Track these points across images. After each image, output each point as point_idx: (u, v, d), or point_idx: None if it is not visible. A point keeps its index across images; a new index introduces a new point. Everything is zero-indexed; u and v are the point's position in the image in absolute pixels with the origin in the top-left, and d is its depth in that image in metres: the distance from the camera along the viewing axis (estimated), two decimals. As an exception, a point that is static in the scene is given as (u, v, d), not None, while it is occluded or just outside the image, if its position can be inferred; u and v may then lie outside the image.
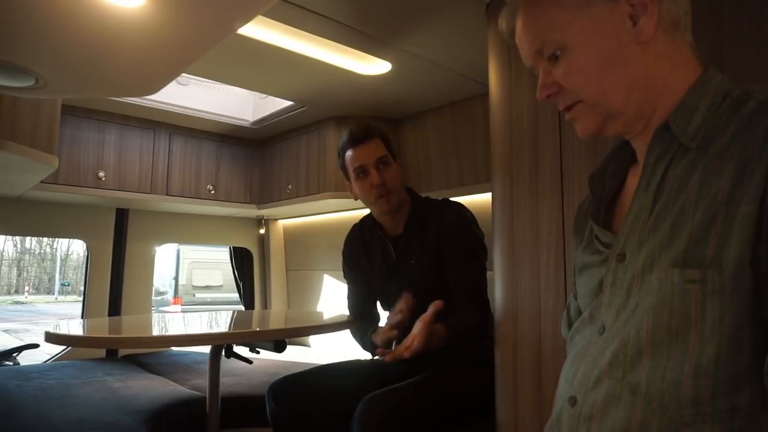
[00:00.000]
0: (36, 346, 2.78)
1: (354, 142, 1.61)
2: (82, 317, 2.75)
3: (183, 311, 9.83)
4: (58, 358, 2.69)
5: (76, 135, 2.40)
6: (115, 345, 2.35)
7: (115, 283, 2.85)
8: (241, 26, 1.04)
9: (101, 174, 2.44)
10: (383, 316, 1.74)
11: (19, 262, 29.04)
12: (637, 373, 0.57)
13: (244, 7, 0.93)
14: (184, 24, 0.96)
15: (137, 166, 2.58)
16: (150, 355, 2.80)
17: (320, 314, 2.34)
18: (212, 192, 2.83)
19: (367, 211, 1.76)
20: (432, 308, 1.35)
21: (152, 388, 2.08)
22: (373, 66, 1.94)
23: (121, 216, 2.89)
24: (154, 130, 2.66)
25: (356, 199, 1.68)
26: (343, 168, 1.67)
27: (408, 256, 1.61)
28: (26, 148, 1.57)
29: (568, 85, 0.67)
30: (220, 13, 0.94)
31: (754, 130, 0.54)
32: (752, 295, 0.51)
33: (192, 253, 13.71)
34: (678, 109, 0.61)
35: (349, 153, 1.62)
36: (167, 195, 2.68)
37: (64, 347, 2.70)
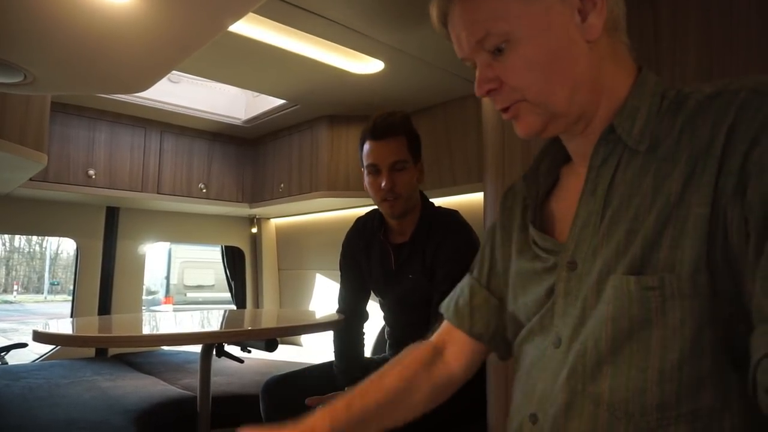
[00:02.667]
0: (24, 345, 2.75)
1: (374, 135, 1.49)
2: (72, 316, 2.72)
3: (175, 311, 9.78)
4: (47, 358, 2.66)
5: (66, 132, 2.38)
6: (104, 344, 2.33)
7: (105, 282, 2.83)
8: (232, 23, 1.03)
9: (91, 172, 2.42)
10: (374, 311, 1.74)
11: (7, 260, 28.74)
12: (599, 384, 0.56)
13: (234, 4, 0.93)
14: (174, 21, 0.95)
15: (128, 164, 2.56)
16: (140, 354, 2.78)
17: (312, 313, 2.33)
18: (204, 191, 2.82)
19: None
20: None
21: (142, 388, 2.07)
22: (365, 65, 1.94)
23: (112, 214, 2.87)
24: (145, 128, 2.64)
25: (366, 189, 1.60)
26: (360, 154, 1.58)
27: (407, 269, 1.54)
28: (14, 145, 1.55)
29: (511, 81, 0.61)
30: (211, 10, 0.94)
31: (699, 130, 0.54)
32: (711, 298, 0.51)
33: (184, 252, 13.64)
34: (621, 111, 0.61)
35: (366, 145, 1.51)
36: (158, 193, 2.66)
37: (53, 347, 2.68)
